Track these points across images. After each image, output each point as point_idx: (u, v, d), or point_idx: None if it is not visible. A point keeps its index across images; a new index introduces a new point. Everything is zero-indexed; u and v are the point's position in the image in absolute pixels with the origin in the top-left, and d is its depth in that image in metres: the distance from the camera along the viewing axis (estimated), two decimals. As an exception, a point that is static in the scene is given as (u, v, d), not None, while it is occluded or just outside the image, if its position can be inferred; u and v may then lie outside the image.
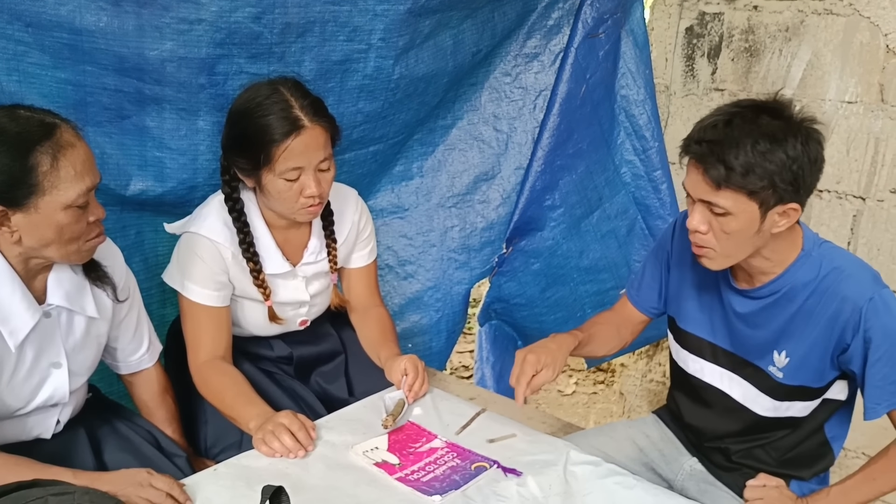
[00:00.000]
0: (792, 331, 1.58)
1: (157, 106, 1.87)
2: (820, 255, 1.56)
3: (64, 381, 1.55)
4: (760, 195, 1.43)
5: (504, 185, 2.59)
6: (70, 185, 1.38)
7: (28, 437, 1.57)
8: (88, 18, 1.65)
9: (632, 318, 1.93)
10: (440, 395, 1.91)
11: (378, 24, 1.96)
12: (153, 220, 2.04)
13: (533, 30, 2.47)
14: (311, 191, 1.71)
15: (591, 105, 2.55)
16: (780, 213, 1.47)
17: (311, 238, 1.91)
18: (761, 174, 1.41)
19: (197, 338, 1.82)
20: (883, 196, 2.52)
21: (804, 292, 1.55)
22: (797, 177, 1.43)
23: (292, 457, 1.59)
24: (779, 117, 1.45)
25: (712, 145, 1.43)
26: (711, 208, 1.47)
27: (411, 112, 2.27)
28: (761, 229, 1.47)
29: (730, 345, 1.69)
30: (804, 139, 1.44)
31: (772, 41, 2.67)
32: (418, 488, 1.52)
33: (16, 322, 1.44)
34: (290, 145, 1.66)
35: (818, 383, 1.60)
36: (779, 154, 1.41)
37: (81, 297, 1.56)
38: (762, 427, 1.69)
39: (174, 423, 1.83)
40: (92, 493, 1.23)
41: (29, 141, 1.35)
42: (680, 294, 1.78)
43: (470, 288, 2.67)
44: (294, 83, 1.73)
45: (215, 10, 1.73)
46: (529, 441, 1.72)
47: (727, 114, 1.47)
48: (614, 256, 2.79)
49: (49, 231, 1.40)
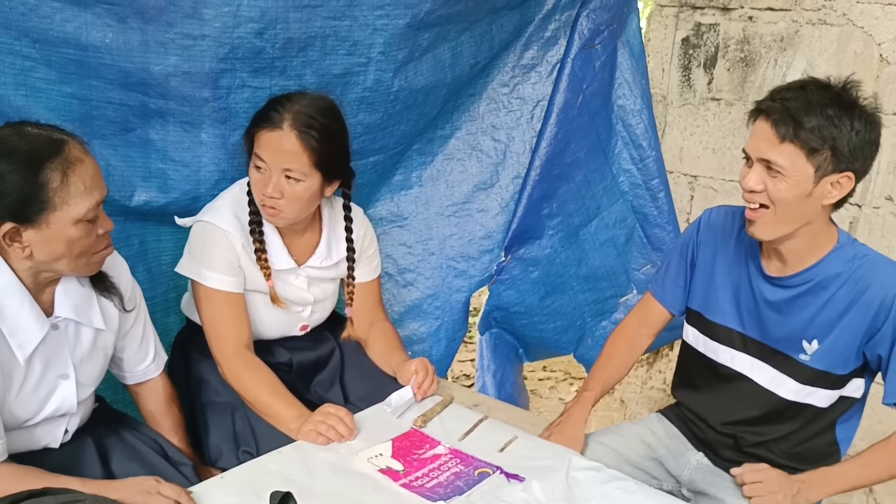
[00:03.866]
0: (823, 319, 1.63)
1: (161, 119, 1.90)
2: (853, 249, 1.63)
3: (72, 392, 1.57)
4: (818, 157, 1.50)
5: (502, 194, 2.62)
6: (80, 199, 1.41)
7: (36, 447, 1.58)
8: (94, 35, 1.69)
9: (657, 317, 1.97)
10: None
11: (378, 39, 1.99)
12: (156, 230, 2.07)
13: (530, 41, 2.50)
14: (268, 190, 1.77)
15: (588, 115, 2.58)
16: (832, 183, 1.53)
17: (319, 244, 1.96)
18: (826, 136, 1.49)
19: (218, 327, 1.84)
20: (879, 203, 2.55)
21: (837, 282, 1.61)
22: (856, 148, 1.50)
23: (343, 440, 1.69)
24: (849, 93, 1.53)
25: (787, 102, 1.52)
26: (769, 166, 1.54)
27: (410, 123, 2.30)
28: (812, 195, 1.53)
29: (759, 334, 1.73)
30: (868, 119, 1.52)
31: (767, 51, 2.70)
32: (422, 494, 1.54)
33: (25, 335, 1.46)
34: (261, 134, 1.77)
35: (842, 370, 1.64)
36: (846, 122, 1.49)
37: (88, 308, 1.58)
38: (779, 413, 1.73)
39: (180, 432, 1.84)
40: (102, 500, 1.25)
41: (39, 158, 1.38)
42: (708, 287, 1.82)
43: (469, 296, 2.69)
44: (313, 98, 1.80)
45: (219, 25, 1.76)
46: (532, 447, 1.73)
47: (802, 81, 1.58)
48: (613, 265, 2.81)
49: (60, 245, 1.43)
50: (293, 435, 1.73)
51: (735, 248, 1.77)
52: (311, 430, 1.70)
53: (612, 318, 2.90)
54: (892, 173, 2.49)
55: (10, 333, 1.44)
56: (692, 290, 1.87)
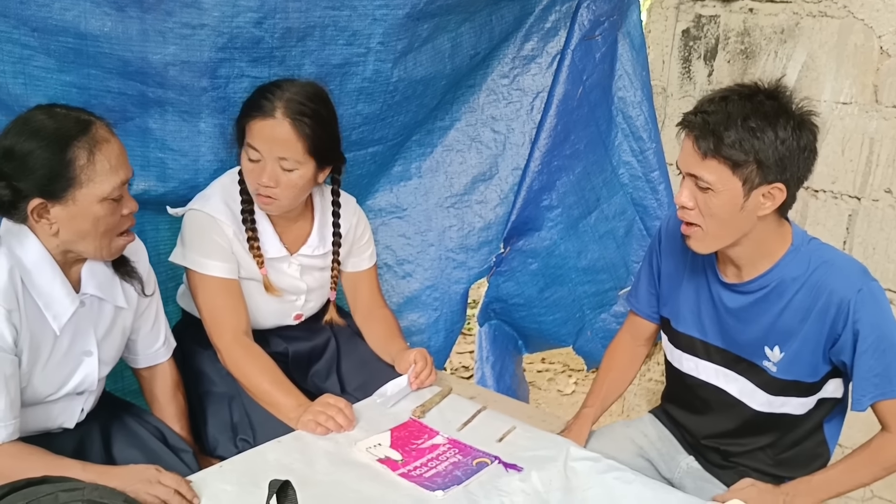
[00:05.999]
0: (783, 325, 1.60)
1: (160, 108, 1.89)
2: (809, 250, 1.59)
3: (94, 368, 1.61)
4: (744, 171, 1.46)
5: (501, 185, 2.62)
6: (105, 178, 1.45)
7: (52, 425, 1.61)
8: (93, 23, 1.68)
9: (644, 329, 1.95)
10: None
11: (377, 29, 1.98)
12: (154, 219, 2.06)
13: (530, 33, 2.49)
14: (263, 179, 1.77)
15: (588, 106, 2.57)
16: (764, 195, 1.49)
17: (311, 233, 1.96)
18: (747, 149, 1.45)
19: (216, 314, 1.84)
20: (878, 196, 2.54)
21: (794, 286, 1.57)
22: (783, 158, 1.46)
23: (343, 431, 1.70)
24: (774, 99, 1.49)
25: (706, 116, 1.48)
26: (697, 182, 1.51)
27: (410, 114, 2.29)
28: (745, 208, 1.49)
29: (721, 341, 1.70)
30: (797, 125, 1.47)
31: (767, 43, 2.69)
32: (421, 484, 1.54)
33: (58, 307, 1.51)
34: (253, 125, 1.76)
35: (812, 378, 1.61)
36: (768, 133, 1.45)
37: (112, 287, 1.62)
38: (758, 426, 1.70)
39: (183, 420, 1.85)
40: (101, 489, 1.26)
41: (67, 136, 1.42)
42: (671, 295, 1.80)
43: (468, 287, 2.69)
44: (301, 85, 1.79)
45: (217, 15, 1.76)
46: (530, 437, 1.74)
47: (726, 91, 1.52)
48: (612, 257, 2.81)
49: (86, 223, 1.46)
50: (293, 424, 1.73)
51: (693, 255, 1.70)
52: (310, 419, 1.70)
53: (612, 310, 2.90)
54: (892, 166, 2.49)
55: (46, 306, 1.49)
56: (661, 299, 1.84)
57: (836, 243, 2.62)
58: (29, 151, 1.41)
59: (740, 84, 1.54)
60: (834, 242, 2.60)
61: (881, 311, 1.53)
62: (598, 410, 1.94)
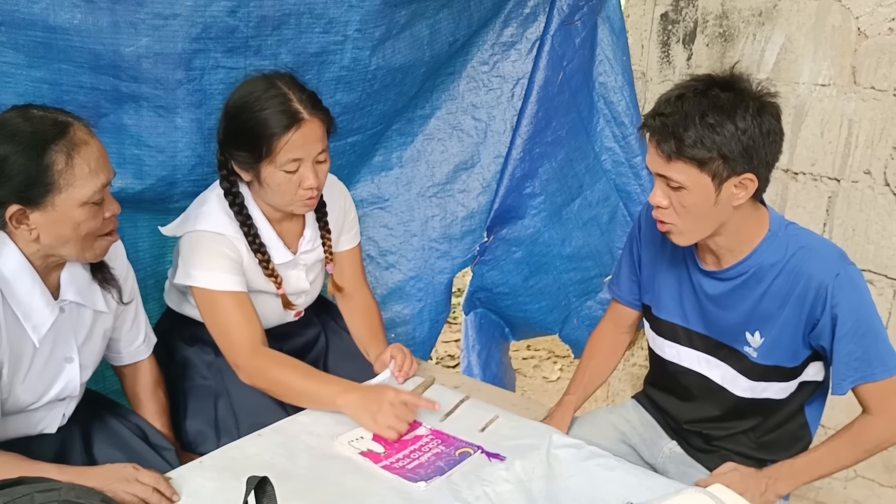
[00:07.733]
0: (762, 311, 1.60)
1: (135, 104, 1.86)
2: (786, 235, 1.59)
3: (76, 374, 1.58)
4: (711, 167, 1.46)
5: (484, 173, 2.61)
6: (85, 181, 1.41)
7: (33, 432, 1.59)
8: (62, 16, 1.65)
9: (626, 317, 1.95)
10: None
11: (354, 16, 1.96)
12: (132, 217, 2.04)
13: (509, 18, 2.47)
14: (309, 182, 1.73)
15: (569, 92, 2.56)
16: (736, 185, 1.49)
17: (305, 228, 1.94)
18: (710, 146, 1.44)
19: (231, 331, 1.78)
20: (857, 177, 2.55)
21: (772, 272, 1.58)
22: (748, 147, 1.45)
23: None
24: (730, 90, 1.47)
25: (664, 118, 1.47)
26: (668, 182, 1.50)
27: (389, 103, 2.28)
28: (719, 201, 1.49)
29: (703, 328, 1.71)
30: (756, 111, 1.46)
31: (745, 26, 2.69)
32: (403, 475, 1.54)
33: (37, 318, 1.48)
34: (290, 138, 1.69)
35: (792, 363, 1.62)
36: (727, 126, 1.44)
37: (91, 292, 1.60)
38: (741, 411, 1.71)
39: (164, 417, 1.83)
40: (77, 488, 1.24)
41: (43, 140, 1.38)
42: (652, 282, 1.80)
43: (452, 277, 2.69)
44: (290, 77, 1.75)
45: (190, 4, 1.73)
46: (513, 426, 1.74)
47: (681, 88, 1.50)
48: (597, 244, 2.81)
49: (66, 228, 1.43)
50: (343, 410, 1.70)
51: (673, 244, 1.69)
52: (386, 426, 1.65)
53: (597, 297, 2.90)
54: (871, 147, 2.49)
55: (25, 316, 1.46)
56: (642, 286, 1.85)
57: (816, 225, 2.63)
58: (4, 157, 1.36)
59: (695, 77, 1.52)
60: (814, 224, 2.62)
61: (859, 295, 1.53)
62: (580, 398, 1.94)
